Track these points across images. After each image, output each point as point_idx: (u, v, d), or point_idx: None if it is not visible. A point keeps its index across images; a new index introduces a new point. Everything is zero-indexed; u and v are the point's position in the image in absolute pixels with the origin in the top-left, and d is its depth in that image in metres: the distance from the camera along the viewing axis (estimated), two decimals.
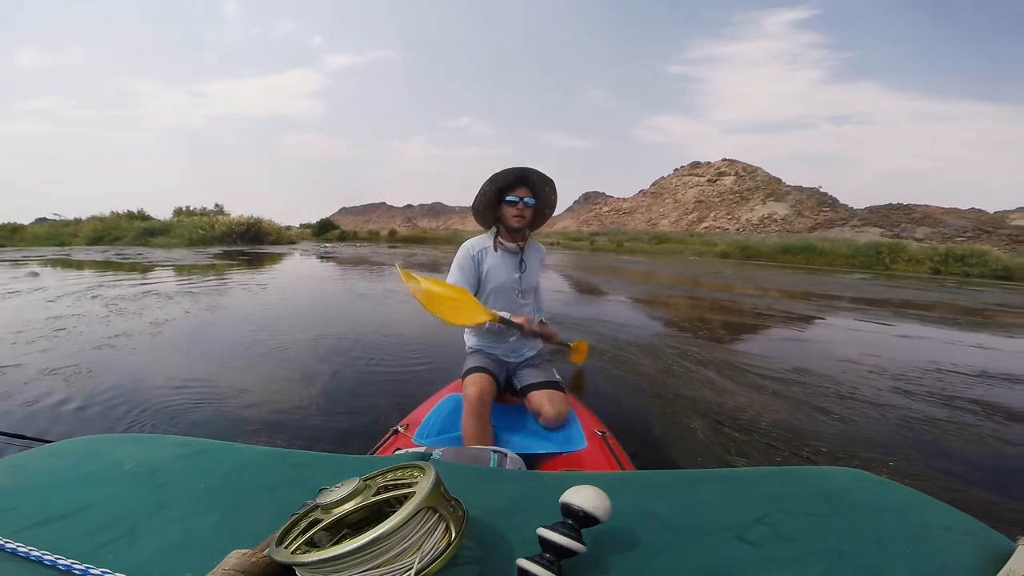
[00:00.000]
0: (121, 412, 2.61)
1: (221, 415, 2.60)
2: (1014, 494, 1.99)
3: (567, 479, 0.58)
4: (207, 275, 8.92)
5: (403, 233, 37.65)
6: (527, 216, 1.58)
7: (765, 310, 6.70)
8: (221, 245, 18.86)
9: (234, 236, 20.89)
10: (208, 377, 3.24)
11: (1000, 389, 3.27)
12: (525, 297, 1.71)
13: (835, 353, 4.22)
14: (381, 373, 3.32)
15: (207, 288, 7.19)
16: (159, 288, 6.97)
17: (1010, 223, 39.79)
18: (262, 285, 7.81)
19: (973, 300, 9.51)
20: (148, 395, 2.84)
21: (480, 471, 0.61)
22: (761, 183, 55.64)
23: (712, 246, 28.20)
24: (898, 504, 0.50)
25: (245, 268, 10.66)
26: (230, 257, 13.37)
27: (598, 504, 0.39)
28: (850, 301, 8.09)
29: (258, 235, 22.27)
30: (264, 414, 2.62)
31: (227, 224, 21.53)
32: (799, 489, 0.53)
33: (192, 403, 2.76)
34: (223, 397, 2.88)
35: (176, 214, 25.17)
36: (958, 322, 6.39)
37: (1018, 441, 2.47)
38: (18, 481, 0.57)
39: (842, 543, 0.43)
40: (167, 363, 3.56)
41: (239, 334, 4.39)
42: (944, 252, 20.58)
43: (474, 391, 1.41)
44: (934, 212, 42.80)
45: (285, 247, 20.24)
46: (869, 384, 3.30)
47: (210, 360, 3.66)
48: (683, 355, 3.95)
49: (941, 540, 0.44)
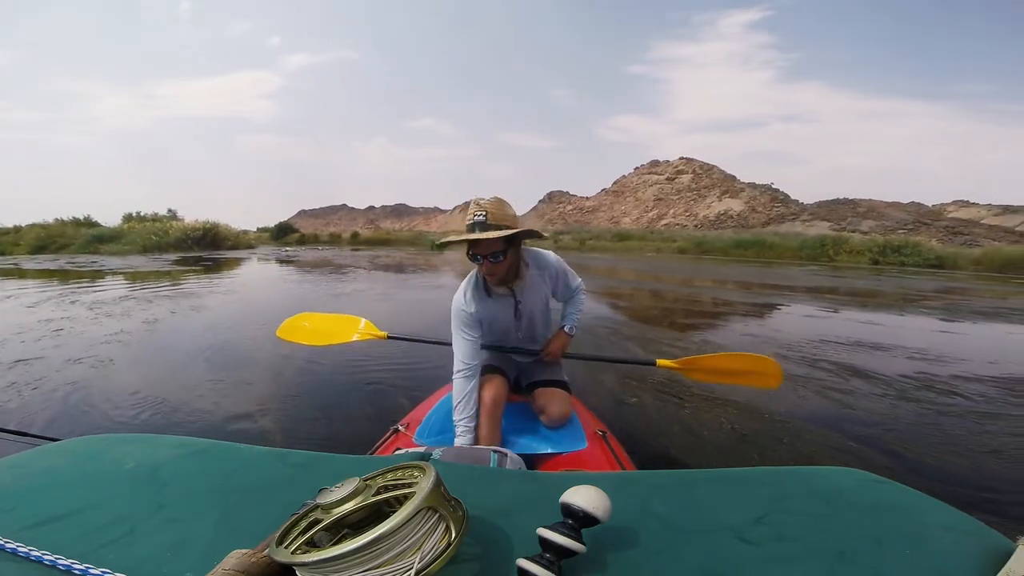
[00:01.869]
0: (130, 409, 2.62)
1: (221, 411, 2.61)
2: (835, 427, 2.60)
3: (567, 479, 0.58)
4: (180, 281, 8.85)
5: (366, 235, 36.57)
6: (499, 269, 1.32)
7: (700, 298, 8.19)
8: (177, 251, 18.25)
9: (189, 242, 20.16)
10: (208, 374, 3.24)
11: (862, 354, 4.25)
12: (528, 330, 1.55)
13: (745, 329, 5.52)
14: (382, 370, 3.32)
15: (181, 292, 7.30)
16: (139, 295, 7.03)
17: (947, 215, 42.59)
18: (233, 290, 7.91)
19: (887, 286, 11.31)
20: (147, 394, 2.84)
21: (480, 471, 0.61)
22: (717, 180, 57.67)
23: (671, 242, 29.63)
24: (898, 504, 0.50)
25: (213, 273, 10.62)
26: (193, 263, 13.10)
27: (598, 504, 0.39)
28: (774, 288, 9.76)
29: (215, 240, 21.51)
30: (266, 412, 2.63)
31: (182, 230, 20.83)
32: (799, 489, 0.53)
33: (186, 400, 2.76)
34: (224, 396, 2.89)
35: (126, 220, 24.22)
36: (858, 304, 7.88)
37: (841, 387, 3.29)
38: (18, 481, 0.57)
39: (842, 543, 0.43)
40: (166, 363, 3.57)
41: (206, 338, 4.43)
42: (882, 244, 22.13)
43: (490, 394, 1.38)
44: (878, 206, 44.81)
45: (244, 252, 19.79)
46: (757, 349, 3.87)
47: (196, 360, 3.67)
48: (625, 336, 4.75)
49: (941, 540, 0.44)
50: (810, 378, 3.45)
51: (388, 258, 16.90)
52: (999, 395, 3.21)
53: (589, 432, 1.41)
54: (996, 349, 4.75)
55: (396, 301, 6.89)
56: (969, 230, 37.29)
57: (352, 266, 13.39)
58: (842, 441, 2.39)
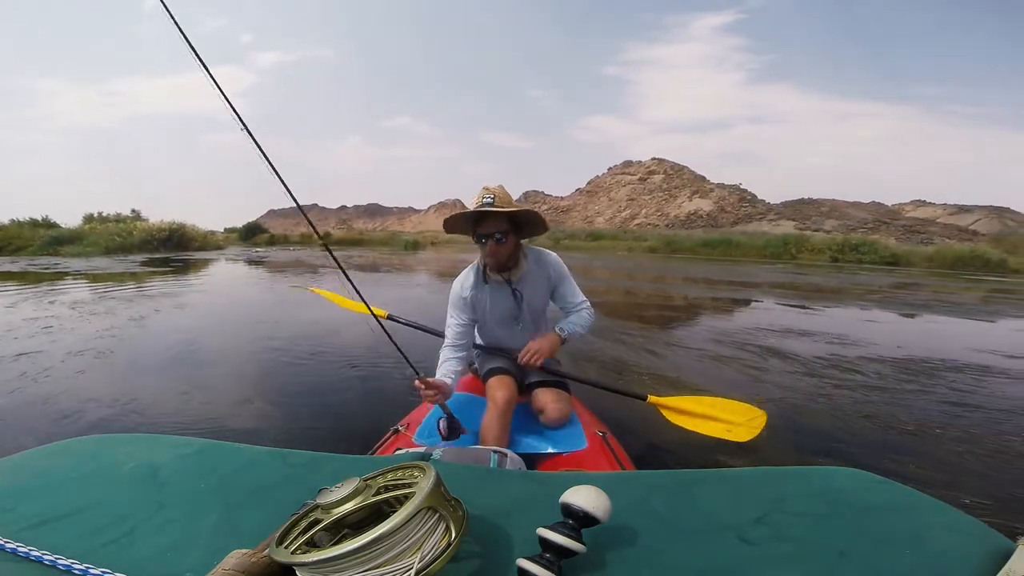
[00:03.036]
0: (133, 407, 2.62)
1: (219, 406, 2.60)
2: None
3: (567, 479, 0.58)
4: (145, 283, 8.71)
5: (338, 235, 35.40)
6: (502, 252, 1.39)
7: (666, 294, 9.01)
8: (142, 253, 17.58)
9: (155, 243, 19.49)
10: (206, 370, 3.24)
11: (790, 340, 4.80)
12: (530, 326, 1.57)
13: (694, 319, 6.32)
14: (382, 370, 3.32)
15: (163, 293, 7.31)
16: (119, 295, 7.04)
17: (905, 215, 44.83)
18: (215, 289, 7.96)
19: (835, 282, 12.11)
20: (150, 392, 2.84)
21: (480, 471, 0.61)
22: (688, 181, 59.18)
23: (642, 241, 30.89)
24: (898, 504, 0.50)
25: (187, 274, 10.50)
26: (163, 265, 12.77)
27: (598, 504, 0.39)
28: (728, 285, 10.61)
29: (182, 241, 20.89)
30: (266, 412, 2.63)
31: (146, 230, 20.12)
32: (799, 489, 0.53)
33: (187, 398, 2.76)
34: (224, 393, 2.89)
35: (87, 221, 23.21)
36: (802, 297, 8.70)
37: (759, 366, 3.83)
38: (18, 481, 0.57)
39: (842, 543, 0.43)
40: (163, 363, 3.57)
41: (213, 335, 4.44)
42: (841, 243, 23.32)
43: (502, 395, 1.39)
44: (840, 206, 46.80)
45: (213, 253, 19.40)
46: (698, 335, 5.03)
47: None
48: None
49: (941, 540, 0.44)
50: (735, 358, 4.08)
51: (362, 258, 16.78)
52: (891, 373, 3.74)
53: (589, 432, 1.41)
54: (909, 336, 5.47)
55: (379, 301, 6.81)
56: (925, 229, 39.07)
57: (327, 266, 13.23)
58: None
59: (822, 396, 3.15)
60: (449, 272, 11.99)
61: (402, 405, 2.55)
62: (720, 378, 3.53)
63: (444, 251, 25.04)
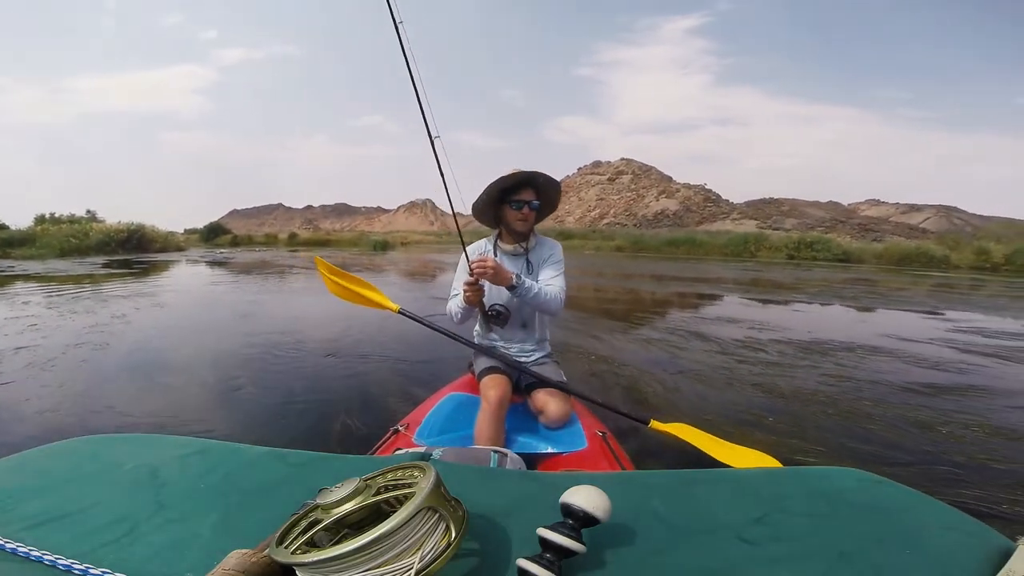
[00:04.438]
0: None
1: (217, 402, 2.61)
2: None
3: (567, 479, 0.58)
4: (103, 285, 8.60)
5: (304, 236, 34.91)
6: (531, 220, 1.55)
7: (629, 288, 9.96)
8: (100, 255, 17.06)
9: (113, 244, 19.11)
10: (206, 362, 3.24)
11: (715, 326, 5.45)
12: (533, 329, 1.65)
13: (645, 309, 7.25)
14: (382, 369, 3.32)
15: (137, 293, 7.34)
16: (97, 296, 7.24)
17: (860, 213, 47.13)
18: (186, 291, 7.98)
19: (779, 276, 13.39)
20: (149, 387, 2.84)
21: (480, 471, 0.61)
22: (655, 181, 61.15)
23: (610, 240, 32.19)
24: (898, 504, 0.50)
25: (154, 276, 10.39)
26: (126, 267, 12.50)
27: (598, 504, 0.39)
28: (675, 279, 11.88)
29: (141, 243, 20.45)
30: (266, 412, 2.63)
31: (104, 232, 19.67)
32: (799, 489, 0.53)
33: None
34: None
35: (38, 222, 22.41)
36: (742, 290, 9.74)
37: (683, 346, 4.49)
38: (18, 481, 0.57)
39: (842, 543, 0.43)
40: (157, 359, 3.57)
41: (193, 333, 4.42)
42: (797, 241, 24.60)
43: (495, 394, 1.40)
44: (800, 205, 49.09)
45: (176, 254, 19.16)
46: (636, 321, 5.75)
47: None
48: None
49: (941, 540, 0.44)
50: (663, 340, 4.74)
51: (331, 259, 16.59)
52: (791, 352, 4.38)
53: (589, 432, 1.41)
54: (823, 323, 6.15)
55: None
56: (878, 227, 41.09)
57: (297, 267, 13.26)
58: (665, 378, 3.52)
59: (725, 368, 3.77)
60: (420, 272, 12.03)
61: (402, 405, 2.56)
62: (639, 354, 4.18)
63: (414, 251, 25.32)
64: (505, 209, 1.55)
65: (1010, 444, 2.52)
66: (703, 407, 2.92)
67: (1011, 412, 2.98)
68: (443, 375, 2.67)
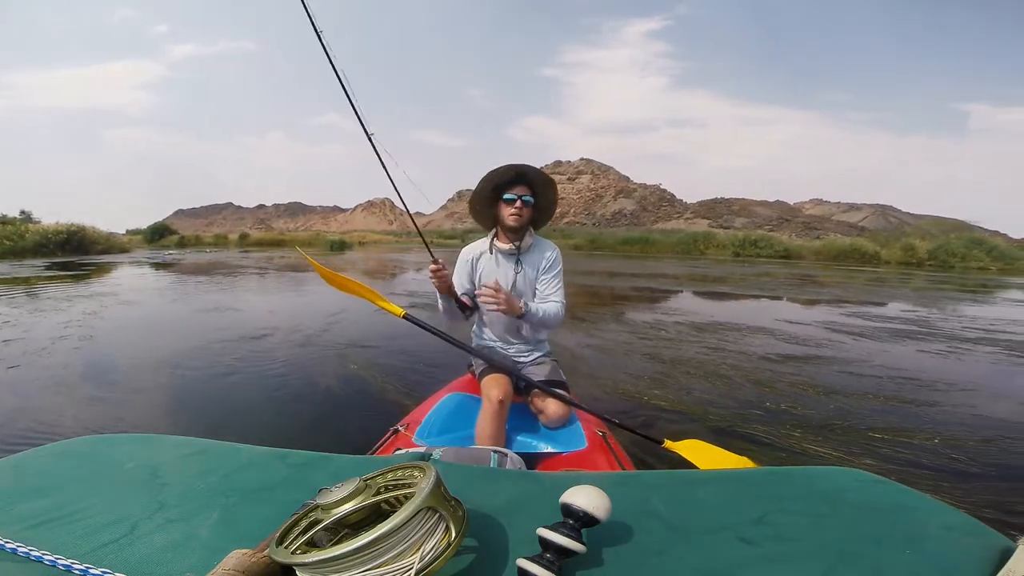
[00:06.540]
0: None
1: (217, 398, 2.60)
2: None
3: (567, 479, 0.58)
4: (37, 286, 8.29)
5: (256, 236, 33.57)
6: (525, 215, 1.52)
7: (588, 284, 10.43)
8: (38, 257, 16.25)
9: (51, 246, 18.18)
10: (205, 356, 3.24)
11: (638, 312, 6.22)
12: (526, 297, 1.62)
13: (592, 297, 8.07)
14: (381, 369, 3.32)
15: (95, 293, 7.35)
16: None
17: (804, 212, 49.57)
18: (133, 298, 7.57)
19: (714, 271, 14.27)
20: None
21: (480, 471, 0.61)
22: (613, 181, 62.86)
23: (569, 238, 33.79)
24: (898, 504, 0.50)
25: (98, 278, 10.04)
26: (70, 269, 11.91)
27: (598, 504, 0.39)
28: (610, 275, 12.43)
29: (82, 244, 19.54)
30: (266, 413, 2.62)
31: (40, 233, 18.64)
32: (799, 489, 0.53)
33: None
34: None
35: None
36: (678, 284, 10.56)
37: (617, 329, 5.17)
38: (18, 481, 0.57)
39: (842, 543, 0.43)
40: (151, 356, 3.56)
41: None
42: (742, 239, 25.79)
43: (497, 394, 1.39)
44: (749, 204, 51.02)
45: (121, 256, 18.49)
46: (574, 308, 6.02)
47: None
48: None
49: (941, 540, 0.44)
50: (586, 319, 5.28)
51: (284, 259, 16.38)
52: (688, 332, 5.07)
53: (589, 432, 1.41)
54: (726, 310, 6.99)
55: (317, 308, 6.17)
56: (821, 225, 43.12)
57: (252, 267, 12.98)
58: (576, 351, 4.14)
59: (626, 343, 4.39)
60: (379, 271, 11.86)
61: (402, 405, 2.56)
62: (568, 337, 4.62)
63: (373, 251, 25.29)
64: (499, 206, 1.55)
65: (818, 398, 3.08)
66: (600, 371, 3.56)
67: (836, 375, 3.61)
68: (442, 377, 2.66)
